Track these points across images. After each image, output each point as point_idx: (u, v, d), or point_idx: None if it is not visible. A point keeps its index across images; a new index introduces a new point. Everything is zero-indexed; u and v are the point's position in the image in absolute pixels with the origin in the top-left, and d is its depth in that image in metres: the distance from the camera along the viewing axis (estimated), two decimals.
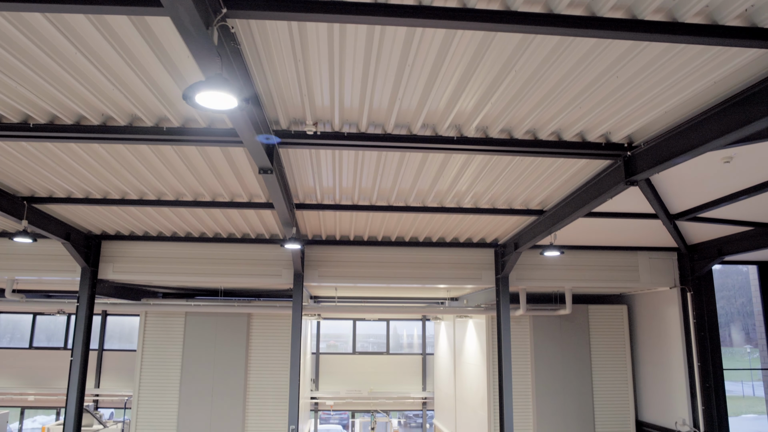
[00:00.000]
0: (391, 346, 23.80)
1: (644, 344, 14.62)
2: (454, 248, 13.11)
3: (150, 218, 11.44)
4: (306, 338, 19.00)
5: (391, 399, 22.45)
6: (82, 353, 12.06)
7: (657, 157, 6.83)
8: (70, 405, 11.82)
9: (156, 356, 14.28)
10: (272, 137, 6.61)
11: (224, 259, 12.73)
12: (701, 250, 12.50)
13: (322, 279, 12.85)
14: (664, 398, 13.64)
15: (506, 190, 9.54)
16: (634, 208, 10.63)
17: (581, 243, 13.07)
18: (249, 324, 14.54)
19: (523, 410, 14.41)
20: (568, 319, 14.87)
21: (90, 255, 12.46)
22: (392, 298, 18.44)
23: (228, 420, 13.92)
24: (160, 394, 14.05)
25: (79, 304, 12.22)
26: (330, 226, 12.00)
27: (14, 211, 9.78)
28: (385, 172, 8.90)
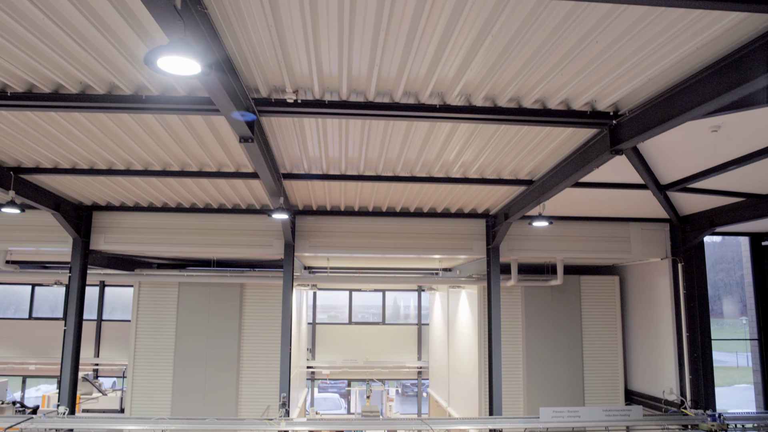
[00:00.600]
0: (388, 316, 24.01)
1: (635, 315, 14.71)
2: (445, 219, 13.08)
3: (139, 189, 11.42)
4: (301, 308, 19.16)
5: (386, 368, 22.75)
6: (76, 323, 12.18)
7: (642, 126, 6.74)
8: (64, 374, 12.00)
9: (150, 326, 14.43)
10: (247, 114, 6.52)
11: (215, 229, 12.74)
12: (693, 221, 12.45)
13: (313, 249, 12.87)
14: (652, 368, 13.78)
15: (494, 159, 9.47)
16: (625, 179, 10.55)
17: (573, 214, 13.03)
18: (242, 294, 14.63)
19: (513, 379, 14.59)
20: (560, 290, 14.93)
21: (81, 226, 12.47)
22: (386, 269, 18.51)
23: (222, 388, 14.14)
24: (155, 363, 14.25)
25: (71, 275, 12.29)
26: (320, 196, 11.96)
27: (1, 182, 9.75)
28: (371, 141, 8.82)
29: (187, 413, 13.68)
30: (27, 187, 10.56)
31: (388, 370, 22.88)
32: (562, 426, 11.61)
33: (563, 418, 11.73)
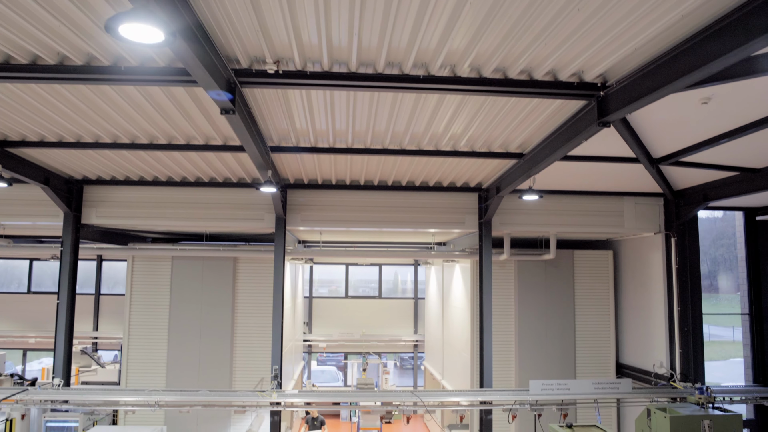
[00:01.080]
0: (385, 291, 24.13)
1: (628, 289, 14.72)
2: (437, 192, 13.01)
3: (128, 162, 11.34)
4: (296, 282, 19.24)
5: (382, 341, 22.95)
6: (69, 297, 12.24)
7: (629, 97, 6.61)
8: (59, 346, 12.10)
9: (144, 299, 14.50)
10: (223, 93, 6.41)
11: (206, 203, 12.70)
12: (687, 195, 12.35)
13: (304, 223, 12.84)
14: (644, 341, 13.84)
15: (483, 132, 9.35)
16: (618, 152, 10.43)
17: (567, 188, 12.94)
18: (235, 268, 14.67)
19: (505, 353, 14.68)
20: (553, 264, 14.92)
21: (72, 200, 12.43)
22: (381, 243, 18.50)
23: (216, 361, 14.27)
24: (149, 337, 14.36)
25: (63, 249, 12.30)
26: (310, 169, 11.88)
27: None
28: (358, 114, 8.71)
29: (182, 385, 13.85)
30: (14, 161, 10.49)
31: (384, 344, 23.09)
32: (551, 398, 11.73)
33: (553, 391, 11.84)
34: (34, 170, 11.16)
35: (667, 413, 10.78)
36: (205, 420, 14.01)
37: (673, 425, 10.47)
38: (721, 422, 10.53)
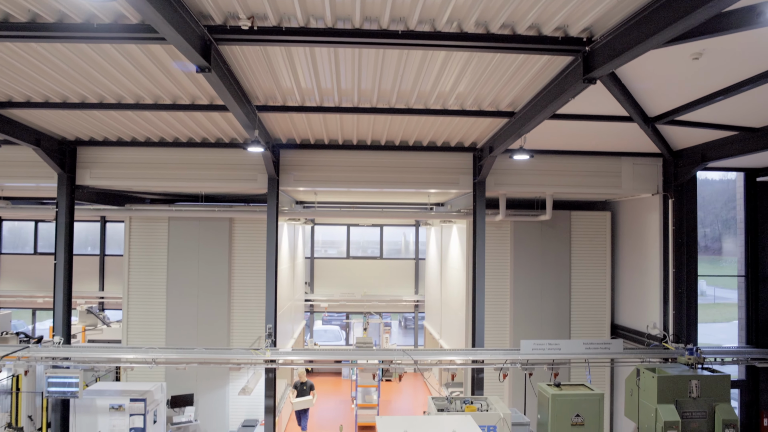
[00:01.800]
0: (387, 252, 24.23)
1: (625, 251, 14.62)
2: (431, 152, 12.84)
3: (118, 123, 11.26)
4: (296, 243, 19.34)
5: (383, 302, 23.18)
6: (66, 257, 12.38)
7: (613, 52, 6.38)
8: (57, 306, 12.33)
9: (142, 260, 14.67)
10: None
11: (198, 164, 12.65)
12: (685, 155, 12.09)
13: (297, 183, 12.79)
14: (639, 303, 13.83)
15: (472, 89, 9.14)
16: (614, 111, 10.16)
17: (563, 148, 12.72)
18: (231, 228, 14.74)
19: (500, 313, 14.76)
20: (550, 225, 14.82)
21: (65, 161, 12.44)
22: (379, 204, 18.44)
23: (214, 320, 14.51)
24: (148, 296, 14.59)
25: (58, 210, 12.39)
26: (301, 129, 11.74)
27: None
28: (342, 71, 8.53)
29: (181, 344, 14.12)
30: (2, 121, 10.46)
31: (385, 304, 23.33)
32: (542, 358, 11.83)
33: (543, 351, 11.93)
34: (25, 131, 11.13)
35: (656, 373, 10.84)
36: (205, 377, 14.35)
37: (661, 385, 10.54)
38: (709, 382, 10.58)
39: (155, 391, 12.63)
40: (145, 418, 12.03)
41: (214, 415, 14.35)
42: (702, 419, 10.53)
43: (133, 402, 12.03)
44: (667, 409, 10.41)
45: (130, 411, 12.00)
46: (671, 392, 10.53)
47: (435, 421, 6.74)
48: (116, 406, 12.09)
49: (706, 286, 42.93)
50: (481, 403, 10.66)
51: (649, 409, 10.69)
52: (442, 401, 10.79)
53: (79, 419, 12.10)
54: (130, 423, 11.96)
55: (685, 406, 10.52)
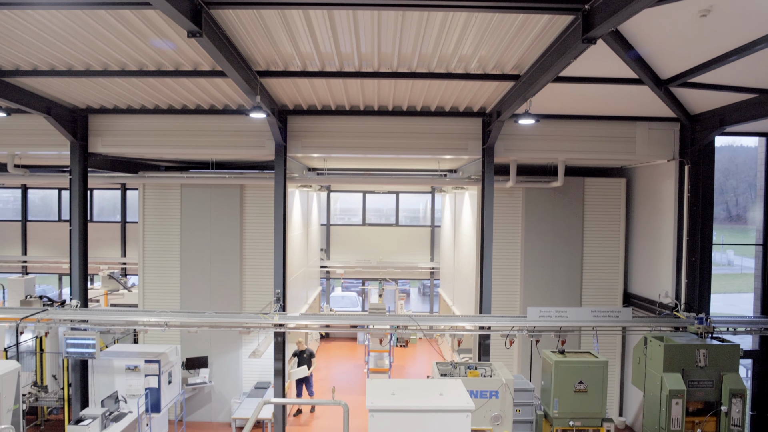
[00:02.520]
0: (403, 219, 24.21)
1: (640, 218, 14.31)
2: (440, 118, 12.64)
3: (125, 90, 11.32)
4: (310, 209, 19.44)
5: (399, 269, 23.28)
6: (80, 224, 12.68)
7: (612, 9, 6.10)
8: (74, 270, 12.70)
9: (157, 226, 14.94)
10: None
11: (207, 130, 12.71)
12: (703, 120, 11.65)
13: (305, 150, 12.77)
14: (652, 271, 13.59)
15: (474, 52, 8.90)
16: (627, 74, 9.78)
17: (575, 112, 12.38)
18: (242, 195, 14.85)
19: (510, 280, 14.69)
20: (562, 192, 14.55)
21: (77, 129, 12.62)
22: (391, 170, 18.33)
23: (226, 285, 14.78)
24: (163, 263, 14.90)
25: (72, 178, 12.64)
26: (307, 95, 11.64)
27: None
28: (340, 35, 8.38)
29: (195, 308, 14.46)
30: (12, 90, 10.62)
31: (401, 270, 23.43)
32: (548, 325, 11.78)
33: (550, 318, 11.88)
34: (35, 100, 11.30)
35: (664, 342, 10.72)
36: (218, 340, 14.72)
37: (667, 354, 10.43)
38: (718, 352, 10.42)
39: (170, 354, 13.03)
40: (160, 379, 12.46)
41: (228, 377, 14.76)
42: (709, 388, 10.42)
43: (148, 363, 12.46)
44: (672, 378, 10.32)
45: (145, 372, 12.43)
46: (678, 361, 10.42)
47: (423, 384, 6.80)
48: (132, 366, 12.53)
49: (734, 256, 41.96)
50: (486, 368, 10.71)
51: (655, 378, 10.62)
52: (447, 366, 10.88)
53: (97, 379, 12.59)
54: (145, 383, 12.40)
55: (691, 375, 10.40)
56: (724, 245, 37.76)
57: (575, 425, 10.26)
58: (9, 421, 10.50)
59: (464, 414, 5.82)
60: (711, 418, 10.45)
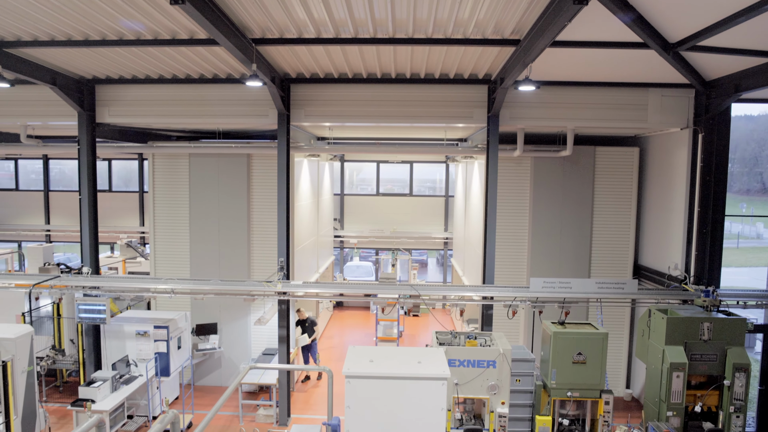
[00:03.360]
0: (417, 189, 24.08)
1: (652, 189, 13.92)
2: (445, 85, 12.38)
3: (127, 60, 11.33)
4: (322, 179, 19.44)
5: (412, 239, 23.27)
6: (89, 193, 12.93)
7: None
8: (85, 238, 13.01)
9: (166, 196, 15.13)
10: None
11: (211, 100, 12.72)
12: (718, 86, 11.15)
13: (308, 118, 12.70)
14: (663, 243, 13.27)
15: (470, 15, 8.63)
16: (635, 37, 9.36)
17: (584, 79, 11.98)
18: (249, 164, 14.90)
19: (518, 251, 14.54)
20: (572, 161, 14.21)
21: (84, 99, 12.76)
22: (402, 139, 18.14)
23: (234, 254, 14.98)
24: (173, 231, 15.14)
25: (80, 147, 12.84)
26: (307, 62, 11.49)
27: None
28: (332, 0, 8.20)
29: (205, 276, 14.72)
30: (17, 61, 10.75)
31: (415, 241, 23.42)
32: (551, 296, 11.66)
33: (554, 289, 11.75)
34: (40, 70, 11.41)
35: (668, 314, 10.53)
36: (227, 308, 15.00)
37: (669, 326, 10.25)
38: (723, 325, 10.19)
39: (179, 320, 13.35)
40: (168, 344, 12.79)
41: (237, 343, 15.08)
42: (712, 362, 10.23)
43: (157, 329, 12.79)
44: (674, 351, 10.16)
45: (154, 337, 12.77)
46: (681, 334, 10.23)
47: (403, 352, 6.82)
48: (142, 332, 12.89)
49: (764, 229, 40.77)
50: (485, 338, 10.70)
51: (657, 350, 10.47)
52: (446, 335, 10.90)
53: (109, 343, 13.01)
54: (154, 348, 12.76)
55: (694, 349, 10.22)
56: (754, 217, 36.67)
57: (573, 396, 10.22)
58: (24, 382, 10.96)
59: (440, 382, 5.82)
60: (713, 392, 10.30)
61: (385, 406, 5.86)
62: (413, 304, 12.30)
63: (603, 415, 10.20)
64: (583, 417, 10.46)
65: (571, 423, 10.53)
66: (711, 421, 10.33)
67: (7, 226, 23.68)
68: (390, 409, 5.84)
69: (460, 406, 10.32)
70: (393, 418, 5.84)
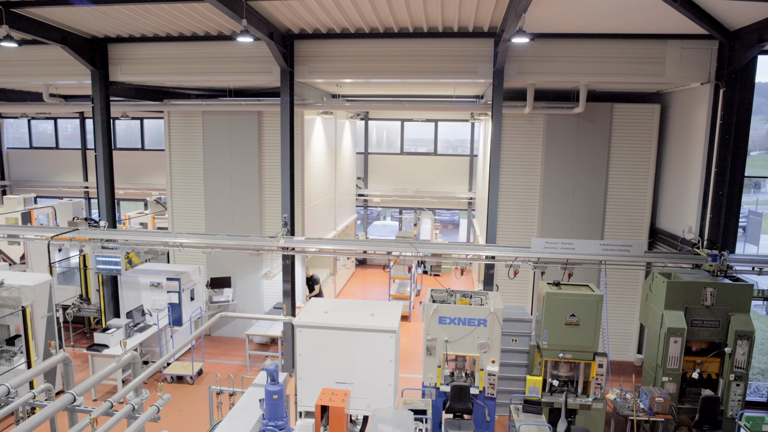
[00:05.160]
0: (442, 148, 23.73)
1: (671, 148, 13.22)
2: (450, 39, 11.98)
3: (131, 18, 11.47)
4: (338, 137, 19.40)
5: (436, 198, 23.09)
6: (104, 150, 13.38)
7: None
8: (101, 193, 13.56)
9: (182, 153, 15.51)
10: None
11: (217, 57, 12.79)
12: (741, 37, 10.33)
13: (312, 75, 12.62)
14: (678, 205, 12.68)
15: None
16: None
17: (596, 30, 11.33)
18: (260, 121, 15.01)
19: (528, 212, 14.22)
20: (587, 119, 13.61)
21: (96, 58, 13.07)
22: (418, 96, 17.80)
23: (247, 210, 15.30)
24: (188, 188, 15.56)
25: (94, 106, 13.24)
26: (305, 16, 11.30)
27: None
28: None
29: (219, 231, 15.15)
30: (26, 21, 11.06)
31: (438, 200, 23.24)
32: (553, 257, 11.42)
33: (556, 250, 11.48)
34: (49, 30, 11.72)
35: (671, 278, 10.16)
36: (240, 262, 15.45)
37: (670, 290, 9.90)
38: (727, 291, 9.76)
39: (191, 273, 13.87)
40: (180, 295, 13.36)
41: (250, 296, 15.58)
42: (714, 328, 9.87)
43: (169, 281, 13.35)
44: (673, 315, 9.84)
45: (167, 288, 13.35)
46: (681, 298, 9.88)
47: (361, 305, 6.87)
48: (155, 283, 13.48)
49: None
50: (481, 298, 10.65)
51: (656, 314, 10.17)
52: (442, 293, 10.92)
53: (125, 294, 13.69)
54: (167, 298, 13.35)
55: (695, 314, 9.86)
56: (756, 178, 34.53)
57: (565, 357, 10.11)
58: (44, 327, 11.75)
59: (388, 334, 5.86)
60: (714, 359, 9.96)
61: (336, 355, 5.96)
62: (411, 261, 12.30)
63: (596, 377, 10.07)
64: (576, 379, 10.36)
65: (563, 384, 10.46)
66: (711, 388, 10.04)
67: (49, 182, 24.92)
68: (340, 359, 5.94)
69: (450, 363, 10.40)
70: (343, 367, 5.95)
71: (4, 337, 11.67)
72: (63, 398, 5.79)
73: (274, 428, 5.25)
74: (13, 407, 6.20)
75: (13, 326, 11.60)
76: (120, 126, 24.79)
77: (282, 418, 5.35)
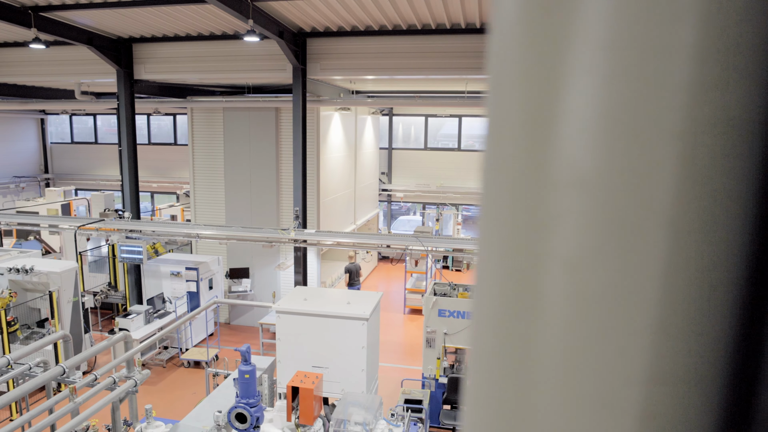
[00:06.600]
0: (466, 144, 23.74)
1: None
2: (459, 35, 12.09)
3: (153, 21, 12.07)
4: (359, 132, 19.69)
5: (458, 194, 23.12)
6: (130, 146, 14.10)
7: None
8: (125, 187, 14.29)
9: (204, 148, 16.13)
10: None
11: (233, 55, 13.28)
12: None
13: (324, 72, 12.96)
14: None
15: None
16: None
17: None
18: (278, 117, 15.46)
19: None
20: None
21: (121, 58, 13.75)
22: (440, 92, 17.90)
23: (265, 203, 15.79)
24: (210, 182, 16.18)
25: (119, 103, 13.95)
26: (314, 15, 11.64)
27: (21, 21, 11.01)
28: None
29: (238, 224, 15.68)
30: (54, 24, 11.78)
31: (461, 196, 23.26)
32: None
33: None
34: (76, 32, 12.43)
35: None
36: (258, 253, 15.95)
37: None
38: None
39: (210, 263, 14.46)
40: (198, 284, 13.95)
41: (267, 287, 16.06)
42: None
43: (188, 270, 13.96)
44: None
45: (186, 277, 13.97)
46: None
47: (341, 294, 7.14)
48: (175, 272, 14.12)
49: None
50: None
51: None
52: (444, 287, 11.09)
53: (147, 282, 14.39)
54: (186, 287, 13.97)
55: None
56: None
57: None
58: (70, 311, 12.51)
59: (360, 322, 6.11)
60: None
61: (312, 341, 6.26)
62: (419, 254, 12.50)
63: None
64: None
65: None
66: None
67: (88, 175, 26.19)
68: (317, 344, 6.24)
69: (449, 355, 10.57)
70: (320, 351, 6.24)
71: (35, 320, 12.50)
72: (53, 370, 6.31)
73: (245, 406, 5.60)
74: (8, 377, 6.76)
75: (44, 310, 12.41)
76: (153, 122, 25.79)
77: (254, 396, 5.69)
